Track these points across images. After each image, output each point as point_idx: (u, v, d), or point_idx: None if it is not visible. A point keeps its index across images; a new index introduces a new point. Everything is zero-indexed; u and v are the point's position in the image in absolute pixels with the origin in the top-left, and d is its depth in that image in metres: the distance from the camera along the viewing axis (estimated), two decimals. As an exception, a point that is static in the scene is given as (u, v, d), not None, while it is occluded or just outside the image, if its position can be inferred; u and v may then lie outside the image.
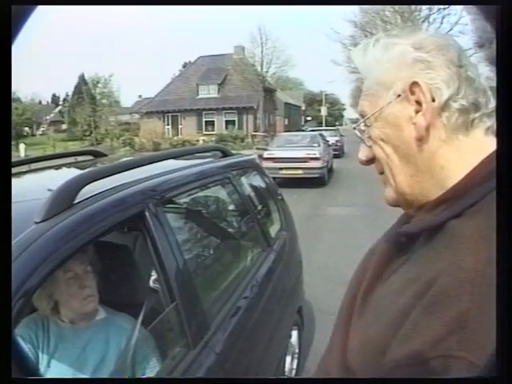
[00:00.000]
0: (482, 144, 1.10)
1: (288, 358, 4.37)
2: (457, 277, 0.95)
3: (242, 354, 2.96)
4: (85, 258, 2.47)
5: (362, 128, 1.24)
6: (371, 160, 1.26)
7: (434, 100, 1.11)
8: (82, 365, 2.40)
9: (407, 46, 1.16)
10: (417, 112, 1.12)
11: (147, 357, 2.52)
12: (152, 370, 2.49)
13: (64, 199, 2.08)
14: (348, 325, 1.27)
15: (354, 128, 1.27)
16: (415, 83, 1.11)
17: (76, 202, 2.12)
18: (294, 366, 4.56)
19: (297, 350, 4.68)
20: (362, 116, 1.24)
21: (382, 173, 1.25)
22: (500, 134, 0.81)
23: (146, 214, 2.44)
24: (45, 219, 1.94)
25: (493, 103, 1.12)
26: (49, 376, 2.34)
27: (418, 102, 1.12)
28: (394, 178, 1.20)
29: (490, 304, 0.83)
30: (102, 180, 2.37)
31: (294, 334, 4.65)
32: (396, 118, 1.16)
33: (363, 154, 1.27)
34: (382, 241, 1.38)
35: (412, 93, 1.12)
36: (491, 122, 1.12)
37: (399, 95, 1.15)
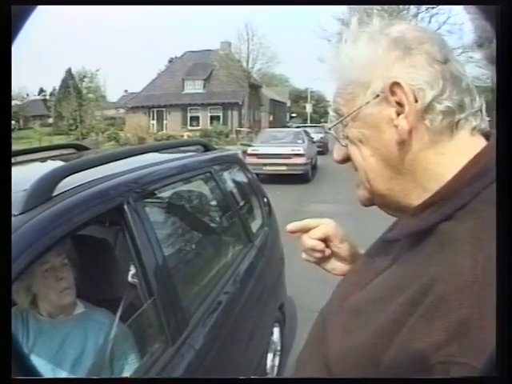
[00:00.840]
0: (467, 144, 1.07)
1: (270, 355, 4.35)
2: (455, 282, 0.91)
3: (222, 351, 2.93)
4: (62, 250, 2.44)
5: (338, 127, 1.19)
6: (347, 159, 1.21)
7: (416, 101, 1.04)
8: (61, 360, 2.38)
9: (386, 41, 1.09)
10: (398, 114, 1.06)
11: (126, 353, 2.50)
12: (131, 366, 2.47)
13: (42, 192, 2.05)
14: (325, 330, 1.25)
15: (330, 128, 1.23)
16: (396, 84, 1.05)
17: (54, 194, 2.09)
18: (276, 363, 4.54)
19: (279, 347, 4.66)
20: (337, 114, 1.19)
21: (357, 170, 1.20)
22: (500, 134, 0.79)
23: (125, 207, 2.41)
24: (23, 212, 1.91)
25: (478, 102, 1.09)
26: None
27: (400, 104, 1.05)
28: (370, 182, 1.15)
29: (491, 308, 0.81)
30: (82, 173, 2.34)
31: (276, 330, 4.63)
32: (375, 120, 1.10)
33: (338, 153, 1.23)
34: (367, 250, 1.38)
35: (392, 93, 1.06)
36: (477, 121, 1.09)
37: (378, 95, 1.08)
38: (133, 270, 2.75)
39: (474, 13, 0.97)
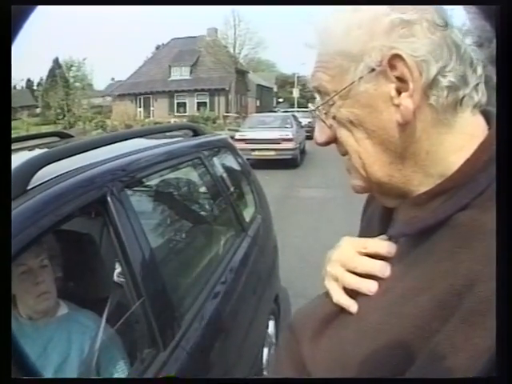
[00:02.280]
0: (469, 123, 0.96)
1: (265, 350, 4.24)
2: (494, 280, 0.77)
3: (217, 350, 2.81)
4: (40, 251, 2.29)
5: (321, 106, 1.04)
6: (331, 141, 1.06)
7: (421, 74, 0.90)
8: (43, 366, 2.20)
9: (382, 8, 0.93)
10: (398, 92, 0.92)
11: (113, 360, 2.36)
12: (119, 374, 2.34)
13: (16, 185, 1.85)
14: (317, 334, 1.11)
15: (314, 110, 1.07)
16: (396, 56, 0.90)
17: (30, 187, 1.90)
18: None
19: (274, 341, 4.54)
20: (320, 92, 1.04)
21: (344, 154, 1.05)
22: (500, 134, 0.77)
23: (109, 199, 2.23)
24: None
25: (479, 73, 0.97)
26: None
27: (401, 80, 0.91)
28: (366, 168, 1.00)
29: None
30: (64, 161, 2.16)
31: (271, 323, 4.53)
32: (370, 98, 0.95)
33: (321, 135, 1.07)
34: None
35: (392, 67, 0.91)
36: (478, 96, 0.96)
37: (373, 69, 0.93)
38: (118, 269, 2.63)
39: (473, 13, 0.94)
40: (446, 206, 0.93)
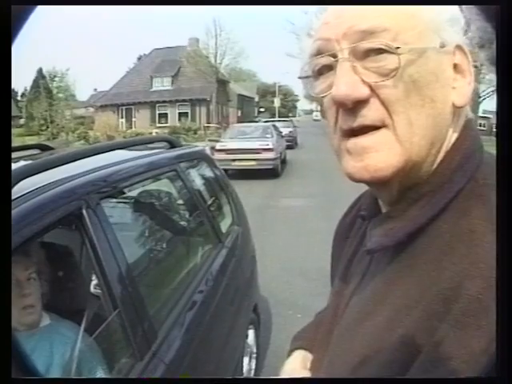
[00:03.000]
0: (464, 120, 0.99)
1: (246, 359, 4.28)
2: (486, 278, 0.79)
3: (195, 360, 2.83)
4: (29, 264, 2.33)
5: (372, 49, 0.90)
6: (361, 104, 0.91)
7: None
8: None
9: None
10: (455, 77, 0.94)
11: (92, 368, 2.38)
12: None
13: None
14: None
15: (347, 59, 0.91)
16: (460, 48, 0.93)
17: None
18: (253, 367, 4.49)
19: (254, 350, 4.59)
20: (368, 34, 0.89)
21: (374, 128, 0.91)
22: (500, 135, 0.74)
23: (84, 211, 2.27)
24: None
25: None
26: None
27: (457, 67, 0.94)
28: (414, 138, 0.90)
29: None
30: (42, 174, 2.19)
31: (251, 333, 4.56)
32: (438, 68, 0.92)
33: (355, 86, 0.90)
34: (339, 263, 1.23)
35: (454, 53, 0.93)
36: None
37: (444, 46, 0.92)
38: (95, 280, 2.64)
39: (474, 14, 0.90)
40: (424, 210, 0.91)
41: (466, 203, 0.88)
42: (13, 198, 1.93)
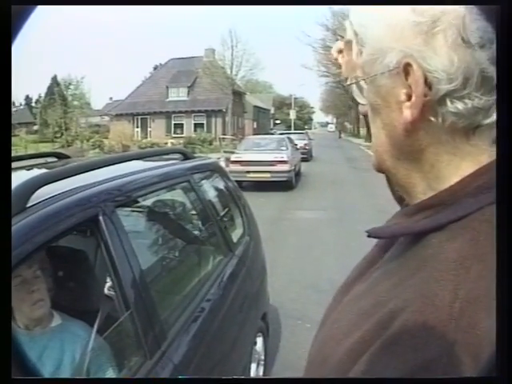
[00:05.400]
0: (485, 153, 0.89)
1: (253, 365, 4.34)
2: (426, 315, 0.78)
3: (202, 363, 2.91)
4: (33, 263, 2.42)
5: (361, 83, 1.01)
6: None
7: (430, 89, 0.85)
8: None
9: (408, 9, 0.88)
10: (408, 98, 0.89)
11: (102, 367, 2.47)
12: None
13: (16, 202, 2.00)
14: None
15: (348, 84, 1.05)
16: (408, 64, 0.86)
17: (29, 205, 2.05)
18: (260, 373, 4.52)
19: (262, 357, 4.64)
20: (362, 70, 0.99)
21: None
22: (500, 135, 0.76)
23: (100, 218, 2.38)
24: (-5, 223, 1.85)
25: None
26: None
27: (410, 87, 0.87)
28: (378, 154, 1.02)
29: (463, 355, 0.74)
30: (60, 182, 2.31)
31: (259, 340, 4.61)
32: (387, 94, 0.93)
33: (362, 109, 1.07)
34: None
35: (406, 73, 0.87)
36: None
37: (391, 69, 0.90)
38: (109, 283, 2.74)
39: (475, 14, 0.87)
40: (425, 221, 0.92)
41: (457, 231, 0.86)
42: (33, 203, 2.06)
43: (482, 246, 0.80)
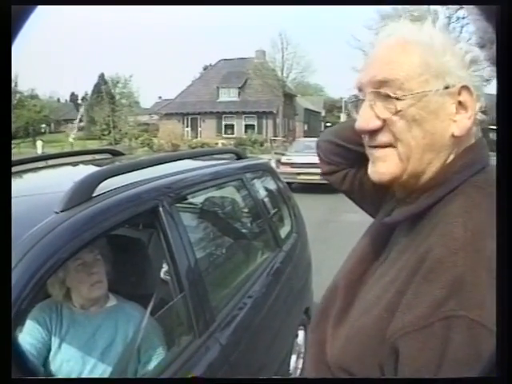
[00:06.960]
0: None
1: (293, 357, 4.41)
2: (449, 246, 1.06)
3: (246, 348, 3.03)
4: (94, 247, 2.56)
5: (386, 99, 1.19)
6: (376, 130, 1.22)
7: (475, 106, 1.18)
8: (91, 349, 2.53)
9: (467, 44, 1.19)
10: (457, 111, 1.18)
11: (154, 345, 2.61)
12: (158, 357, 2.58)
13: (83, 191, 2.18)
14: (329, 322, 1.38)
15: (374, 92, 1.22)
16: (465, 87, 1.17)
17: (95, 195, 2.22)
18: (300, 366, 4.57)
19: (302, 350, 4.68)
20: (383, 83, 1.19)
21: (384, 146, 1.23)
22: (500, 135, 0.82)
23: (160, 209, 2.54)
24: (64, 209, 2.04)
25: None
26: (59, 358, 2.52)
27: (461, 104, 1.17)
28: (410, 160, 1.19)
29: (482, 267, 0.99)
30: (120, 176, 2.48)
31: (301, 333, 4.67)
32: (439, 108, 1.17)
33: (369, 121, 1.22)
34: (362, 238, 1.52)
35: (459, 93, 1.17)
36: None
37: (448, 87, 1.17)
38: (165, 267, 2.90)
39: (475, 14, 1.00)
40: (427, 199, 1.20)
41: (454, 197, 1.16)
42: (96, 194, 2.24)
43: (476, 201, 1.12)
